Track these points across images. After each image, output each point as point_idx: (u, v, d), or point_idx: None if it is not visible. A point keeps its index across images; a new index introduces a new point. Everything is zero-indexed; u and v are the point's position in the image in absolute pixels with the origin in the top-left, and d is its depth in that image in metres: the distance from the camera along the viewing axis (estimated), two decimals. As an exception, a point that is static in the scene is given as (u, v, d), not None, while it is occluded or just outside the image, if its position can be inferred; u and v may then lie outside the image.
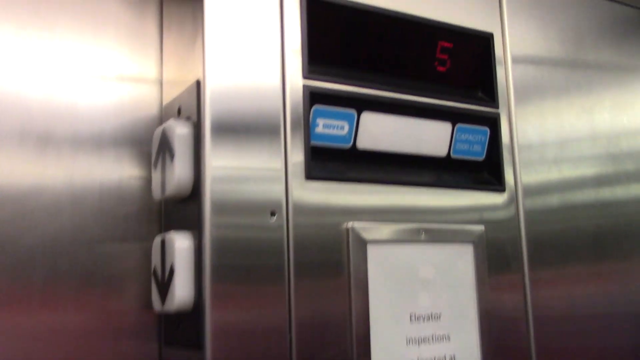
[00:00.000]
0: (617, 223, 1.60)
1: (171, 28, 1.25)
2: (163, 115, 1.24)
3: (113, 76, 1.24)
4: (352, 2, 1.23)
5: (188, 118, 1.11)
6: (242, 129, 1.08)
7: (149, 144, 1.21)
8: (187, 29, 1.16)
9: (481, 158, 1.41)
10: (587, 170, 1.57)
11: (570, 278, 1.48)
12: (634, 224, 1.63)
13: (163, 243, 1.09)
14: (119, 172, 1.21)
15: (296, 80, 1.15)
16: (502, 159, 1.40)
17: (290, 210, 1.10)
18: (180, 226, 1.10)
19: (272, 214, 1.08)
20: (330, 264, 1.13)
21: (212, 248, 1.02)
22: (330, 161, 1.20)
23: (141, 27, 1.27)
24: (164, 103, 1.25)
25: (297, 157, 1.12)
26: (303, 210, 1.11)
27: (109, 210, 1.19)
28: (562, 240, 1.48)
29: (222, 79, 1.08)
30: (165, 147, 1.11)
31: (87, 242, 1.16)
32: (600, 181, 1.59)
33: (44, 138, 1.15)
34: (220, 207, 1.04)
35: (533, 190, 1.45)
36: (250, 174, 1.07)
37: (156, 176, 1.15)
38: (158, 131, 1.15)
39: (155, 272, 1.12)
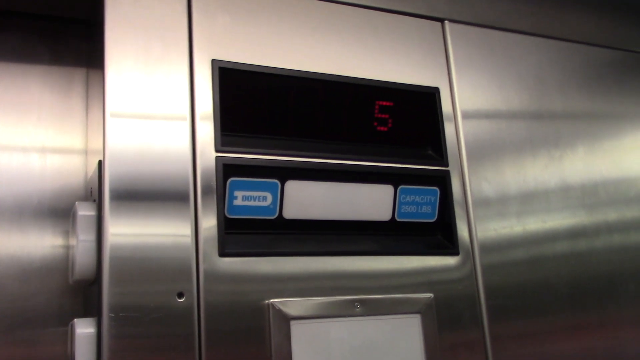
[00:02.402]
0: (598, 275, 1.47)
1: (94, 105, 1.24)
2: (86, 192, 1.22)
3: (35, 151, 1.26)
4: (268, 68, 1.19)
5: (94, 200, 1.08)
6: (147, 198, 1.03)
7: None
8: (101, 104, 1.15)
9: (432, 219, 1.33)
10: (558, 222, 1.46)
11: (542, 333, 1.36)
12: (619, 274, 1.50)
13: (71, 329, 1.05)
14: (42, 248, 1.19)
15: (209, 153, 1.11)
16: (454, 219, 1.32)
17: (201, 283, 1.04)
18: (88, 311, 1.06)
19: (180, 295, 1.02)
20: (249, 340, 1.06)
21: (110, 325, 0.96)
22: (253, 233, 1.15)
23: (66, 106, 1.29)
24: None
25: (211, 230, 1.08)
26: (217, 283, 1.06)
27: (31, 294, 1.16)
28: (530, 295, 1.36)
29: (124, 150, 1.04)
30: (73, 230, 1.08)
31: (5, 329, 1.13)
32: (574, 233, 1.47)
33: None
34: (123, 278, 0.98)
35: (492, 247, 1.35)
36: (156, 242, 1.02)
37: (70, 258, 1.12)
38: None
39: None
